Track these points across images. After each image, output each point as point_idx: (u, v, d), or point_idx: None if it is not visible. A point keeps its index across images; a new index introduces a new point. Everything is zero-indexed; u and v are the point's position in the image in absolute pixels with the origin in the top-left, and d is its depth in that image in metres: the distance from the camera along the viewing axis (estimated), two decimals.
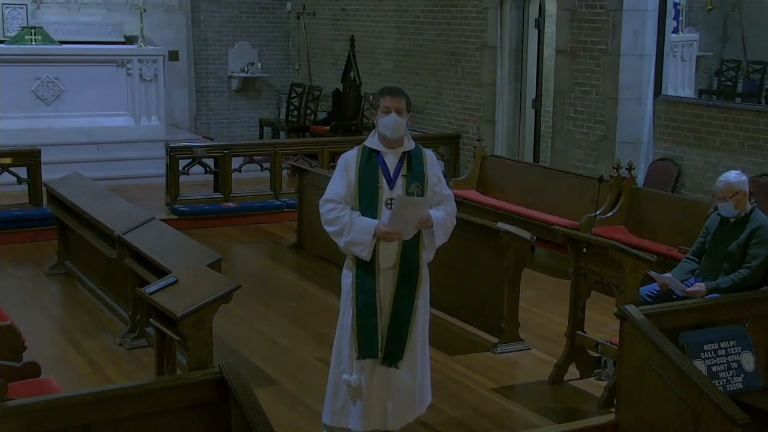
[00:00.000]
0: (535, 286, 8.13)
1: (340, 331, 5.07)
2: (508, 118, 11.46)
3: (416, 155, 5.03)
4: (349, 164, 5.00)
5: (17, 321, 5.66)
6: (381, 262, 4.92)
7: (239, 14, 15.64)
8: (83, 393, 4.04)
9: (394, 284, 4.94)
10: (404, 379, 5.01)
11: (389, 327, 4.93)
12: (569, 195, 9.10)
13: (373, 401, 4.97)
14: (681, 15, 10.21)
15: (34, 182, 10.13)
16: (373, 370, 4.97)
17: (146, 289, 5.15)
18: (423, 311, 5.06)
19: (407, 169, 4.97)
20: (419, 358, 5.07)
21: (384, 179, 4.94)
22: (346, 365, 4.99)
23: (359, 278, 4.94)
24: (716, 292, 5.83)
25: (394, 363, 4.95)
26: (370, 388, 4.96)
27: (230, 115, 15.75)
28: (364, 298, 4.93)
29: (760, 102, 9.94)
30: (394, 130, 4.93)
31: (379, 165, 4.96)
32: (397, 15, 13.30)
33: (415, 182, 4.95)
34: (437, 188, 5.05)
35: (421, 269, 5.00)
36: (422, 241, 4.98)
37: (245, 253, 9.80)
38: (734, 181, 5.94)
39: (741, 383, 5.36)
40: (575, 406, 5.92)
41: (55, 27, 13.82)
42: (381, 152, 4.98)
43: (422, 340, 5.09)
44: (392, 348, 4.94)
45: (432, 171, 5.04)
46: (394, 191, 4.93)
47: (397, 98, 4.96)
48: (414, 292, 4.97)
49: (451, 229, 5.08)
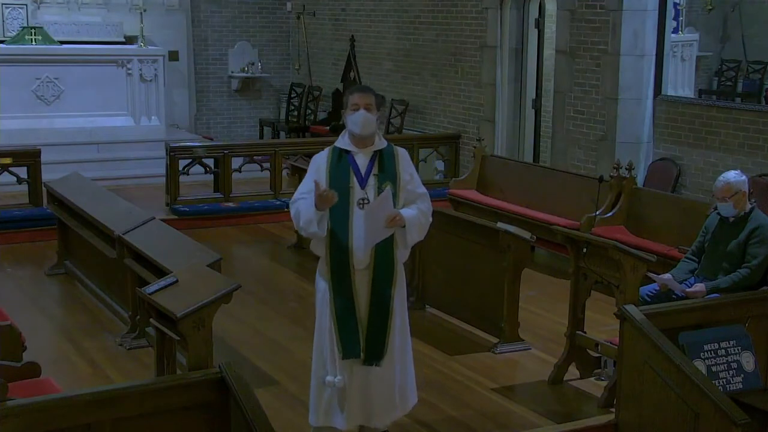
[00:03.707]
0: (535, 286, 8.13)
1: (319, 333, 5.04)
2: (508, 118, 11.46)
3: (388, 154, 4.96)
4: (320, 166, 4.96)
5: (17, 321, 5.65)
6: (355, 263, 4.86)
7: (239, 14, 15.64)
8: (83, 393, 4.04)
9: (369, 284, 4.89)
10: (384, 377, 4.97)
11: (368, 327, 4.89)
12: (569, 195, 9.10)
13: (355, 400, 4.94)
14: (681, 15, 10.21)
15: (34, 182, 10.13)
16: (352, 370, 4.93)
17: (146, 289, 5.15)
18: (400, 311, 5.01)
19: (379, 169, 4.91)
20: (398, 356, 5.02)
21: (355, 179, 4.88)
22: (329, 367, 4.96)
23: (335, 281, 4.89)
24: (716, 291, 5.84)
25: (375, 362, 4.91)
26: (351, 387, 4.93)
27: (230, 115, 15.75)
28: (341, 301, 4.88)
29: (760, 102, 9.93)
30: (363, 127, 4.88)
31: (350, 165, 4.91)
32: (397, 15, 13.30)
33: (387, 181, 4.89)
34: (410, 186, 4.97)
35: (396, 268, 4.95)
36: (396, 240, 4.91)
37: (245, 253, 9.81)
38: (734, 181, 5.95)
39: (741, 383, 5.36)
40: (575, 406, 5.92)
41: (55, 27, 13.81)
42: (352, 152, 4.93)
43: (401, 339, 5.05)
44: (372, 347, 4.90)
45: (404, 169, 4.97)
46: (366, 191, 4.87)
47: (365, 95, 4.94)
48: (390, 292, 4.92)
49: (426, 227, 4.99)
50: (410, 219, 4.87)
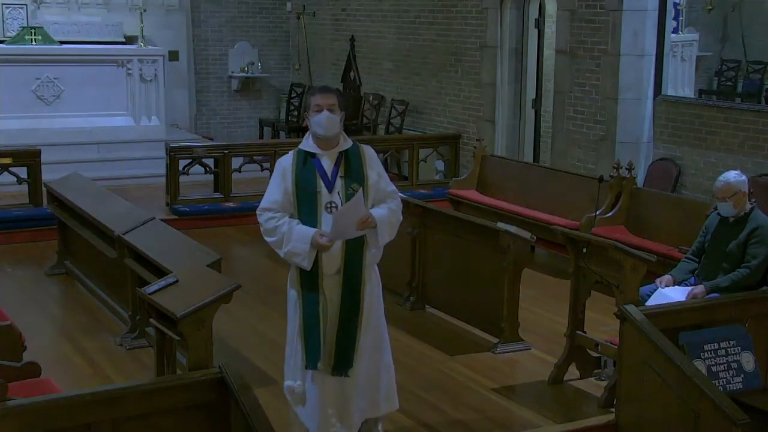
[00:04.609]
0: (535, 286, 8.12)
1: (289, 341, 4.98)
2: (508, 118, 11.46)
3: (353, 153, 4.86)
4: (286, 170, 4.84)
5: (17, 321, 5.66)
6: (325, 269, 4.78)
7: (239, 14, 15.64)
8: (83, 393, 4.04)
9: (340, 289, 4.80)
10: (358, 386, 4.89)
11: (337, 335, 4.79)
12: (569, 195, 9.10)
13: (327, 410, 4.85)
14: (681, 15, 10.20)
15: (34, 182, 10.12)
16: (324, 380, 4.84)
17: (146, 289, 5.14)
18: (375, 315, 4.93)
19: (345, 170, 4.81)
20: (373, 363, 4.94)
21: (322, 182, 4.77)
22: (290, 372, 4.92)
23: (304, 288, 4.81)
24: (716, 291, 5.85)
25: (344, 372, 4.82)
26: (323, 397, 4.84)
27: (230, 115, 15.75)
28: (309, 309, 4.80)
29: (760, 102, 9.93)
30: (327, 128, 4.79)
31: (315, 168, 4.80)
32: (397, 15, 13.30)
33: (355, 182, 4.79)
34: (379, 185, 4.88)
35: (364, 272, 4.84)
36: (366, 242, 4.82)
37: (245, 253, 9.80)
38: (734, 181, 5.95)
39: (741, 383, 5.36)
40: (575, 406, 5.92)
41: (55, 27, 13.81)
42: (317, 155, 4.83)
43: (377, 344, 4.96)
44: (340, 357, 4.81)
45: (372, 168, 4.86)
46: (333, 194, 4.77)
47: (327, 95, 4.86)
48: (359, 296, 4.82)
49: (396, 226, 4.91)
50: (381, 219, 4.79)
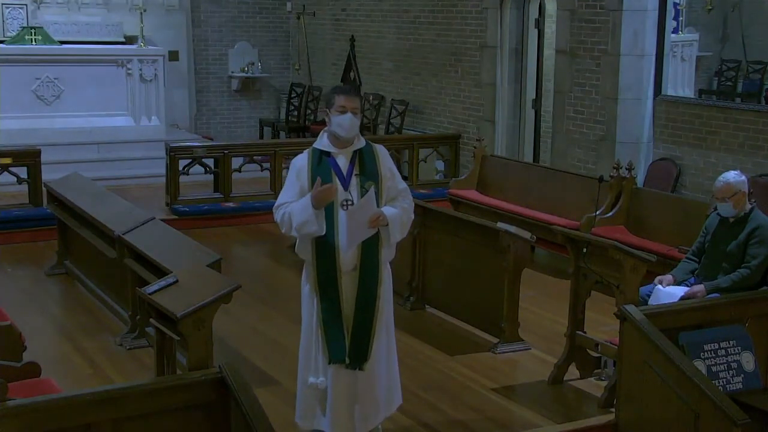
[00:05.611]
0: (535, 286, 8.12)
1: (306, 336, 5.00)
2: (507, 118, 11.46)
3: (367, 152, 4.96)
4: (301, 171, 4.92)
5: (17, 321, 5.66)
6: (342, 266, 4.85)
7: (239, 14, 15.63)
8: (83, 393, 4.04)
9: (356, 286, 4.87)
10: (370, 381, 4.95)
11: (353, 330, 4.87)
12: (569, 195, 9.10)
13: (340, 405, 4.91)
14: (681, 15, 10.20)
15: (34, 182, 10.12)
16: (338, 374, 4.89)
17: (146, 289, 5.14)
18: (387, 312, 5.00)
19: (360, 168, 4.91)
20: (384, 358, 5.01)
21: (338, 180, 4.86)
22: (312, 369, 4.94)
23: (322, 284, 4.87)
24: (716, 291, 5.84)
25: (360, 365, 4.88)
26: (336, 392, 4.90)
27: (230, 115, 15.75)
28: (328, 305, 4.86)
29: (760, 102, 9.93)
30: (349, 130, 4.87)
31: (331, 167, 4.89)
32: (397, 15, 13.30)
33: (369, 180, 4.88)
34: (391, 183, 4.97)
35: (381, 269, 4.93)
36: (381, 240, 4.90)
37: (245, 253, 9.81)
38: (733, 181, 5.95)
39: (741, 383, 5.36)
40: (575, 406, 5.93)
41: (55, 27, 13.81)
42: (332, 153, 4.91)
43: (387, 341, 5.04)
44: (357, 351, 4.88)
45: (385, 166, 4.97)
46: (349, 192, 4.86)
47: (353, 98, 4.90)
48: (376, 293, 4.90)
49: (408, 224, 5.00)
50: (393, 218, 4.87)
